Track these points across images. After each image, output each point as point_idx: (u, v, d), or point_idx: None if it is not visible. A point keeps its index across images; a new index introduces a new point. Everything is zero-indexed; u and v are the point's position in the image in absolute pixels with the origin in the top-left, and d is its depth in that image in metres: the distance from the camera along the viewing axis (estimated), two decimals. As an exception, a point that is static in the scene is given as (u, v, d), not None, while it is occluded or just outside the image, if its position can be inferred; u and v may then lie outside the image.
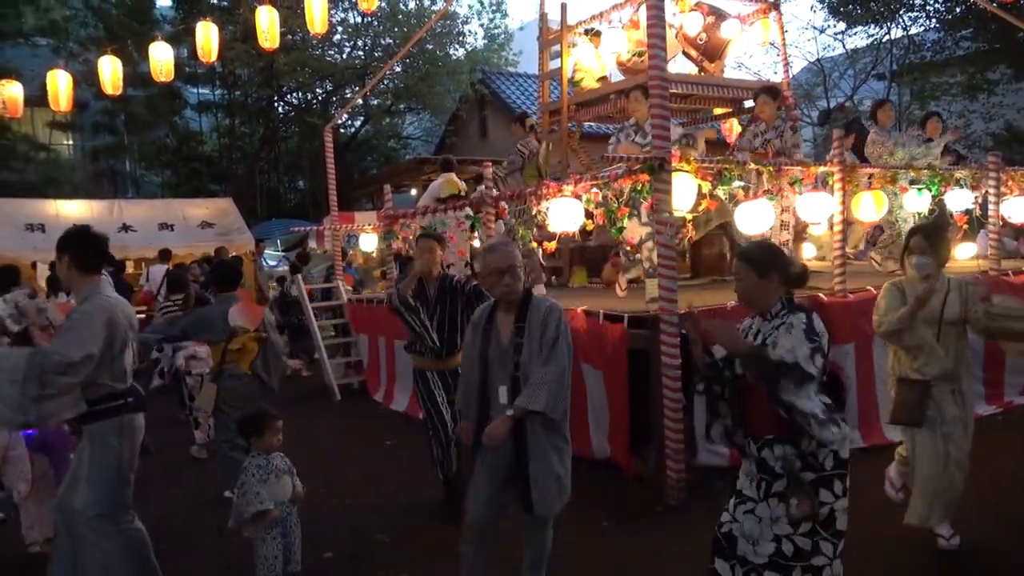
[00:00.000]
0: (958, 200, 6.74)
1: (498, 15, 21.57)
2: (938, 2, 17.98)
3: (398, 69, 19.94)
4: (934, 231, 3.87)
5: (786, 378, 2.50)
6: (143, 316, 10.49)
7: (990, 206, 6.65)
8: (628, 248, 5.89)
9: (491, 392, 3.11)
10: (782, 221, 6.27)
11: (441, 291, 4.60)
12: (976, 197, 6.86)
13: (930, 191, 6.50)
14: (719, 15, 8.33)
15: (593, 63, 8.81)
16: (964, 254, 7.91)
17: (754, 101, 7.22)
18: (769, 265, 2.74)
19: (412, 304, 4.54)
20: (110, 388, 3.20)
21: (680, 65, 8.47)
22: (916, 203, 6.51)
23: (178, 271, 8.79)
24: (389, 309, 4.83)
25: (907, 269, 3.83)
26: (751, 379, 2.64)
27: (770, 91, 7.10)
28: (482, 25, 21.57)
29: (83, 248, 3.27)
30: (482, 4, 21.01)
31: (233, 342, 4.81)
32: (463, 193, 8.01)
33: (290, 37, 16.73)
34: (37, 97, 10.04)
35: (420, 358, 4.65)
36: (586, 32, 8.82)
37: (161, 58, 8.46)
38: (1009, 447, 5.28)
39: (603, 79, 8.79)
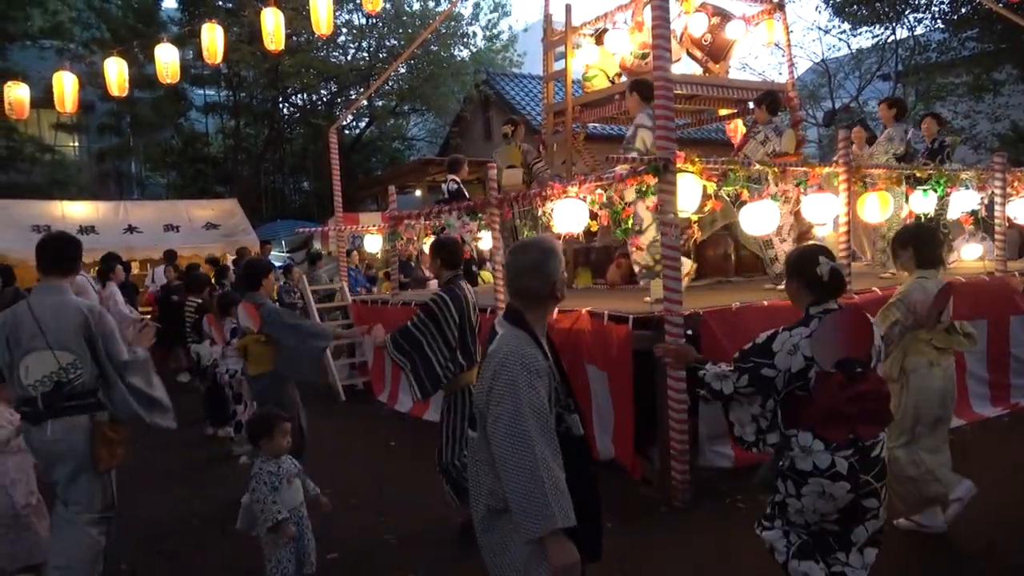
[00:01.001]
0: (963, 201, 6.71)
1: (499, 15, 21.59)
2: (943, 2, 17.95)
3: (402, 70, 19.99)
4: (900, 235, 4.10)
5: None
6: (148, 317, 10.56)
7: (996, 207, 6.63)
8: (634, 249, 5.87)
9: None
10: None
11: None
12: (982, 198, 6.84)
13: (935, 192, 6.48)
14: (724, 16, 8.31)
15: (604, 61, 8.77)
16: (970, 255, 7.89)
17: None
18: (790, 272, 2.84)
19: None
20: (17, 395, 3.36)
21: (685, 66, 8.46)
22: (922, 204, 6.49)
23: (198, 272, 8.50)
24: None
25: None
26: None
27: (758, 99, 6.98)
28: (484, 27, 21.61)
29: (39, 254, 3.45)
30: (479, 6, 21.04)
31: (237, 341, 4.84)
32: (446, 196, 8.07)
33: (295, 39, 16.75)
34: (43, 99, 10.11)
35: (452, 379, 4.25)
36: (594, 33, 8.80)
37: (167, 60, 8.49)
38: (1011, 449, 5.26)
39: (618, 75, 8.74)
